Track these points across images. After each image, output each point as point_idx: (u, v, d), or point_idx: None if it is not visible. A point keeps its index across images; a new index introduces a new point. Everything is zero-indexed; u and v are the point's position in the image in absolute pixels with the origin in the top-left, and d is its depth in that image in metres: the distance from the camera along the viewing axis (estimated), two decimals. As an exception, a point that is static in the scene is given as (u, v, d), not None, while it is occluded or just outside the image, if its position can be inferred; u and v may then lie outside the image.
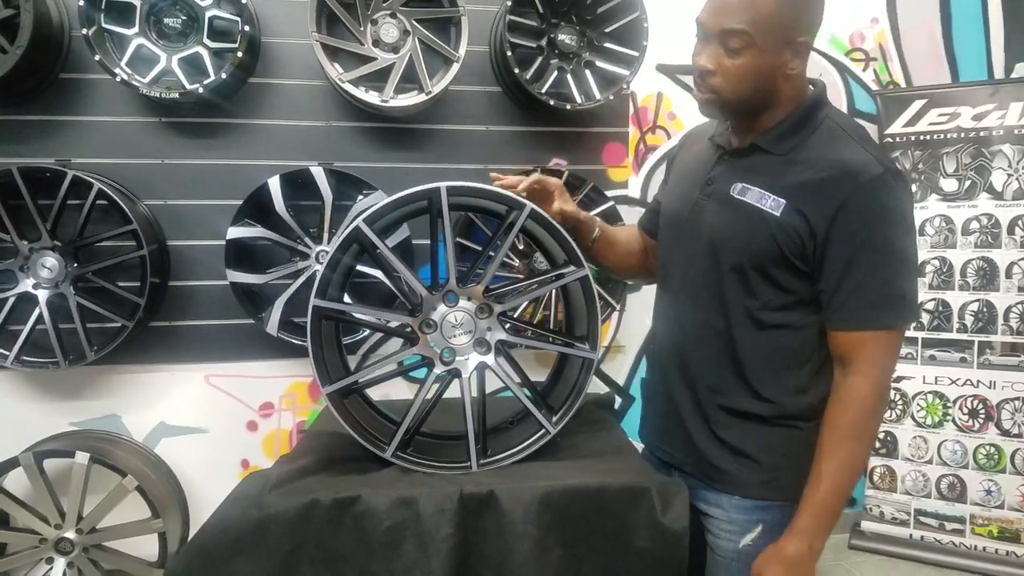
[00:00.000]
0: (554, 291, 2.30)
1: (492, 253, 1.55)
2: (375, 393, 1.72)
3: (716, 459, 1.55)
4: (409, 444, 1.50)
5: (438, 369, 1.53)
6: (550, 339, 1.67)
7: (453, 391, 1.56)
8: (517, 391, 1.54)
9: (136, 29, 2.71)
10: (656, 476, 1.46)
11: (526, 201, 1.50)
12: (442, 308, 1.52)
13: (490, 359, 1.55)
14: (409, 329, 1.53)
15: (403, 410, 1.53)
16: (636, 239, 1.92)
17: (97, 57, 2.60)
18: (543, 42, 3.00)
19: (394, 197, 1.46)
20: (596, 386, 3.28)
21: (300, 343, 2.85)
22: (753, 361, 1.50)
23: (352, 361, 2.92)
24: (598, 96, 2.98)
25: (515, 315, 1.63)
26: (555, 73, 3.01)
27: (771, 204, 1.41)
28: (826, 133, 1.45)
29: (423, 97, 2.80)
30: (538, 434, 1.53)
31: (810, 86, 1.53)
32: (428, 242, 1.58)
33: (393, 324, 1.61)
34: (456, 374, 1.54)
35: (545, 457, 1.52)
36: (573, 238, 1.59)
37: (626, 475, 1.44)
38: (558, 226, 1.54)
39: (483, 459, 1.50)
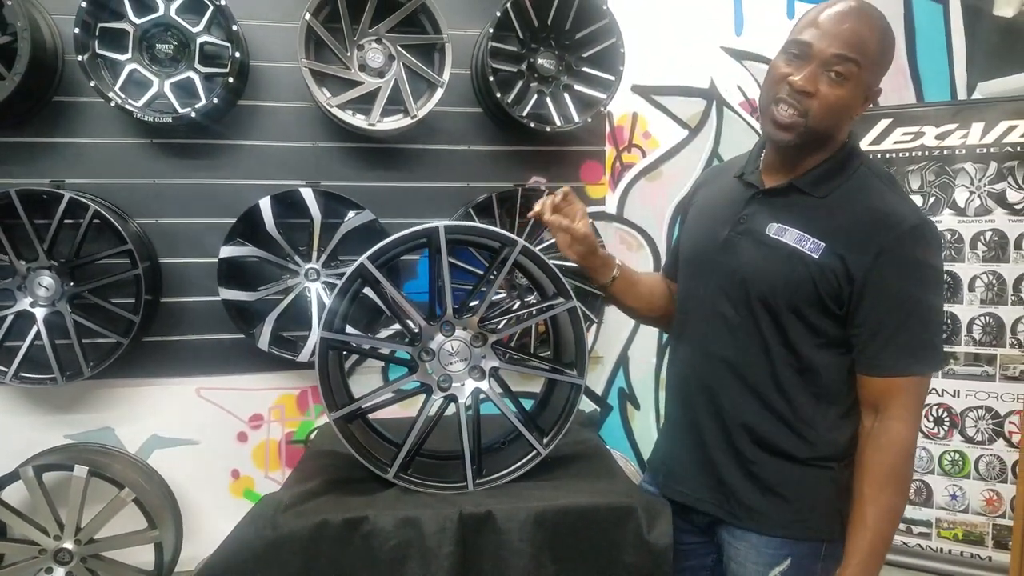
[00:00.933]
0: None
1: (485, 287, 1.66)
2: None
3: (746, 498, 1.57)
4: (409, 465, 1.61)
5: (436, 395, 1.64)
6: (541, 366, 1.77)
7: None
8: (510, 415, 1.65)
9: (129, 55, 2.80)
10: (642, 495, 1.57)
11: (518, 238, 1.60)
12: (439, 337, 1.63)
13: (484, 385, 1.66)
14: (409, 358, 1.64)
15: (401, 430, 1.64)
16: (660, 283, 1.91)
17: (92, 83, 2.68)
18: (523, 66, 3.12)
19: (395, 236, 1.57)
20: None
21: (290, 357, 2.95)
22: (788, 399, 1.52)
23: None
24: (576, 119, 3.09)
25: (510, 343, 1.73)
26: (535, 96, 3.12)
27: (811, 246, 1.44)
28: (862, 180, 1.51)
29: (408, 120, 2.90)
30: (530, 455, 1.65)
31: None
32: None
33: (394, 353, 1.71)
34: (453, 399, 1.65)
35: (537, 477, 1.63)
36: (591, 276, 1.64)
37: (613, 495, 1.55)
38: (547, 261, 1.64)
39: (479, 479, 1.61)
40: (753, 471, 1.56)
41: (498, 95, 2.93)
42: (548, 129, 3.04)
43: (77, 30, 2.66)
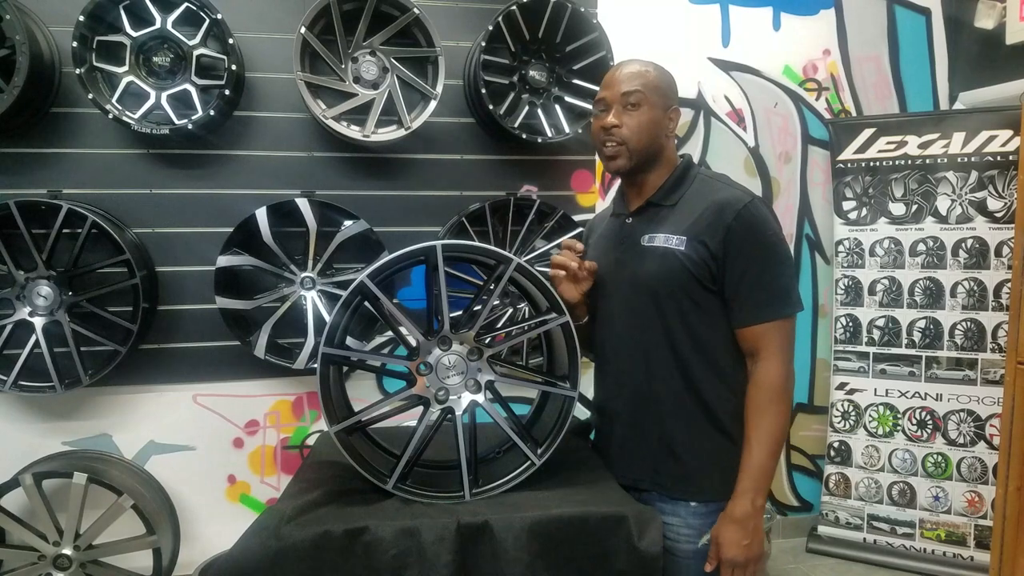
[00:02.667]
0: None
1: (484, 299, 1.71)
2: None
3: (676, 470, 1.77)
4: (408, 476, 1.65)
5: (433, 408, 1.69)
6: (535, 379, 1.83)
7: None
8: (505, 427, 1.70)
9: (126, 67, 2.84)
10: (633, 504, 1.63)
11: (513, 256, 1.67)
12: (437, 352, 1.68)
13: (481, 398, 1.72)
14: (407, 371, 1.69)
15: (399, 440, 1.69)
16: None
17: (90, 95, 2.73)
18: (515, 78, 3.18)
19: (394, 255, 1.62)
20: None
21: (286, 365, 2.99)
22: (698, 373, 1.75)
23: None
24: (567, 129, 3.15)
25: (502, 356, 1.78)
26: (527, 107, 3.18)
27: (676, 242, 1.73)
28: (701, 183, 1.82)
29: (402, 131, 2.95)
30: (524, 465, 1.70)
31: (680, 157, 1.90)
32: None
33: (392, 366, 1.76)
34: (450, 412, 1.70)
35: (531, 486, 1.68)
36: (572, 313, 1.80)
37: (605, 504, 1.61)
38: (542, 278, 1.72)
39: (476, 489, 1.66)
40: (677, 449, 1.77)
41: (490, 106, 2.99)
42: (539, 139, 3.10)
43: (75, 43, 2.70)
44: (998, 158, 3.41)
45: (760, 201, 1.76)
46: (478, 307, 1.73)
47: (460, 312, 1.74)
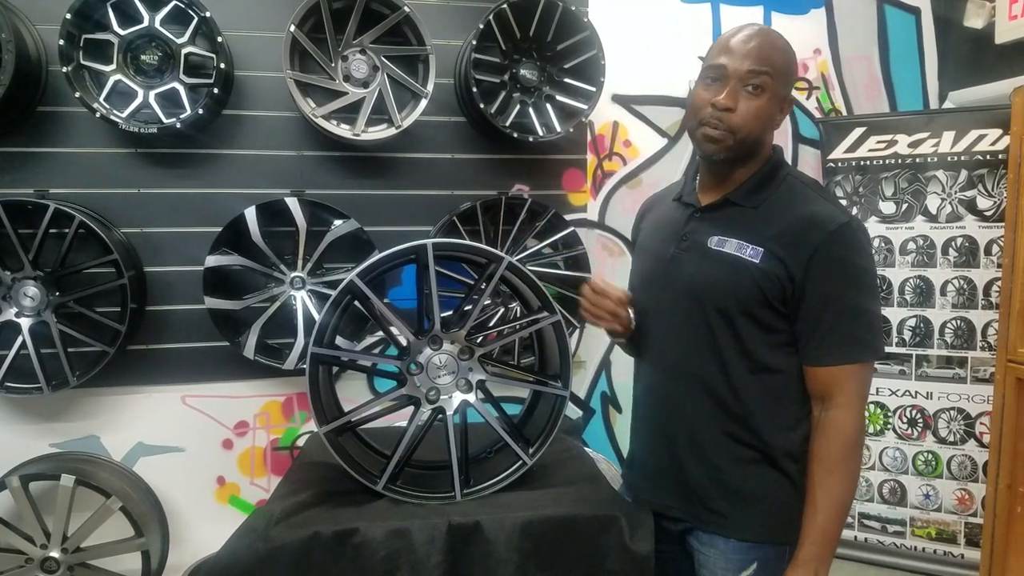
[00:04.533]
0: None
1: (475, 298, 1.70)
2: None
3: (712, 502, 1.64)
4: (398, 476, 1.64)
5: (424, 408, 1.68)
6: (526, 379, 1.82)
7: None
8: (496, 426, 1.69)
9: (114, 66, 2.81)
10: (624, 504, 1.62)
11: (504, 255, 1.65)
12: (427, 351, 1.67)
13: (472, 397, 1.70)
14: (397, 371, 1.68)
15: (389, 440, 1.68)
16: None
17: (77, 94, 2.70)
18: (506, 77, 3.16)
19: (385, 253, 1.61)
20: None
21: (275, 365, 2.97)
22: (748, 402, 1.60)
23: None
24: (558, 128, 3.14)
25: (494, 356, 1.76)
26: (518, 106, 3.16)
27: (750, 253, 1.54)
28: (790, 189, 1.61)
29: (393, 130, 2.94)
30: (516, 465, 1.69)
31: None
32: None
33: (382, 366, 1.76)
34: (441, 411, 1.69)
35: (523, 486, 1.67)
36: (609, 332, 1.71)
37: (597, 504, 1.60)
38: (534, 277, 1.69)
39: (467, 489, 1.65)
40: (716, 476, 1.63)
41: (481, 105, 2.97)
42: (531, 139, 3.08)
43: (62, 41, 2.67)
44: (988, 157, 3.42)
45: (858, 223, 1.56)
46: (469, 306, 1.72)
47: (451, 311, 1.73)
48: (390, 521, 1.49)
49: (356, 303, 1.71)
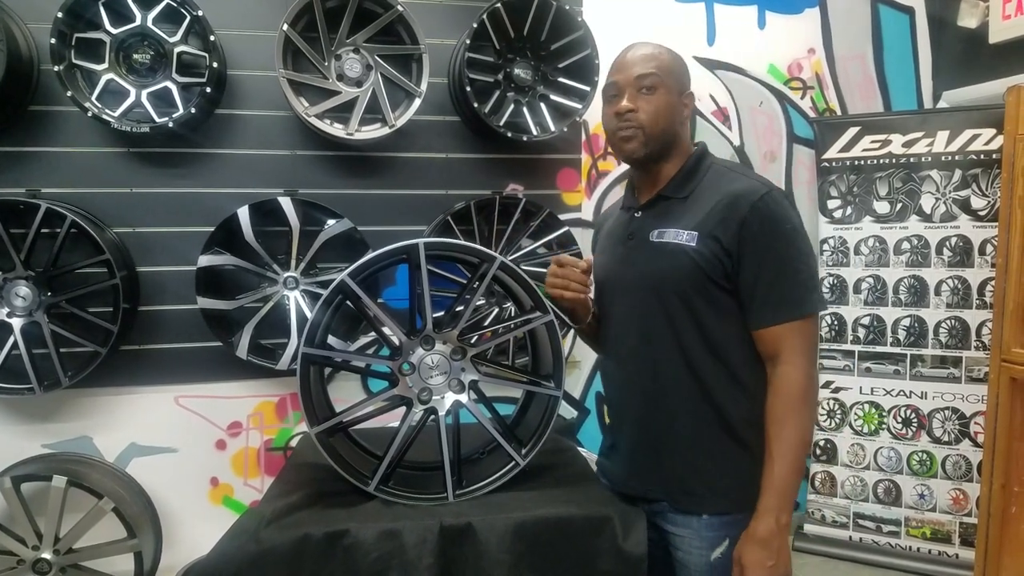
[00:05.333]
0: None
1: (468, 297, 1.69)
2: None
3: (686, 482, 1.70)
4: (390, 477, 1.63)
5: (416, 408, 1.67)
6: (519, 379, 1.81)
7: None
8: (489, 427, 1.68)
9: (106, 64, 2.80)
10: (618, 505, 1.61)
11: (496, 254, 1.65)
12: (420, 351, 1.66)
13: (464, 398, 1.69)
14: (389, 371, 1.67)
15: (381, 441, 1.67)
16: None
17: (69, 93, 2.69)
18: (500, 76, 3.15)
19: (376, 253, 1.60)
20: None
21: (268, 366, 2.96)
22: (707, 378, 1.67)
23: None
24: (552, 128, 3.13)
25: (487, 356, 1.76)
26: (512, 106, 3.15)
27: (687, 238, 1.64)
28: (715, 174, 1.73)
29: (386, 130, 2.93)
30: (508, 466, 1.68)
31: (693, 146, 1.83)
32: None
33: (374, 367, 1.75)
34: (433, 412, 1.68)
35: (515, 487, 1.66)
36: (572, 318, 1.77)
37: (590, 504, 1.59)
38: (526, 276, 1.69)
39: (459, 490, 1.64)
40: (686, 454, 1.69)
41: (475, 104, 2.97)
42: (525, 138, 3.08)
43: (53, 40, 2.66)
44: (982, 156, 3.42)
45: (778, 192, 1.66)
46: (461, 306, 1.71)
47: (443, 311, 1.72)
48: (381, 522, 1.48)
49: (348, 303, 1.70)
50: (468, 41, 2.94)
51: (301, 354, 1.59)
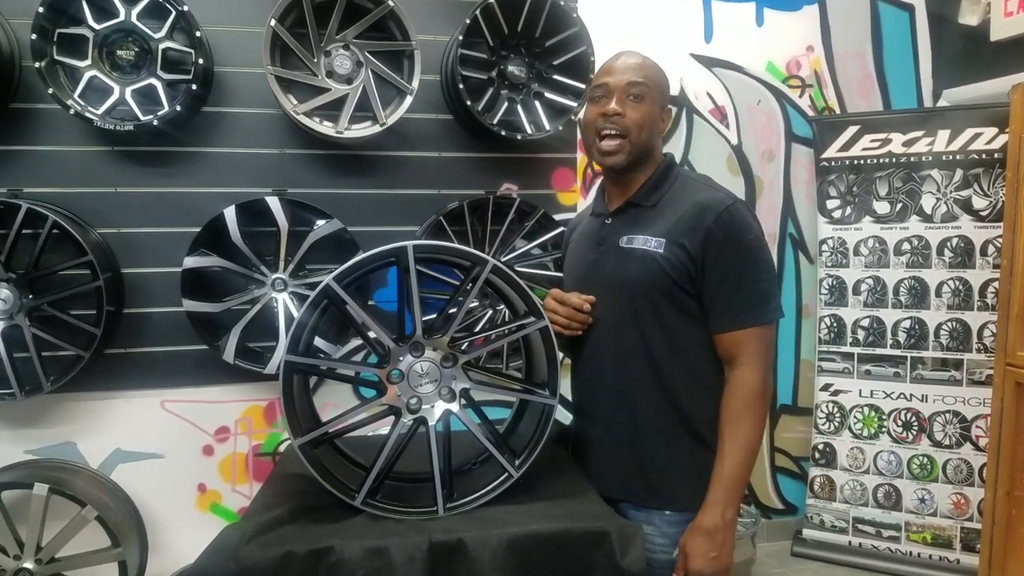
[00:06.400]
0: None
1: (456, 306, 1.62)
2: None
3: (649, 479, 1.75)
4: (378, 491, 1.56)
5: (405, 418, 1.60)
6: (513, 387, 1.74)
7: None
8: (481, 437, 1.61)
9: (89, 61, 2.74)
10: (615, 519, 1.54)
11: (488, 257, 1.58)
12: (409, 358, 1.59)
13: (455, 407, 1.62)
14: (377, 379, 1.59)
15: (369, 450, 1.60)
16: None
17: (50, 90, 2.63)
18: (494, 73, 3.09)
19: (363, 256, 1.52)
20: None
21: (256, 370, 2.90)
22: (672, 380, 1.72)
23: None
24: (547, 126, 3.08)
25: (480, 363, 1.71)
26: (506, 103, 3.10)
27: (655, 244, 1.69)
28: (682, 184, 1.79)
29: (377, 128, 2.87)
30: (502, 477, 1.61)
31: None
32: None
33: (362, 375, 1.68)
34: (423, 422, 1.61)
35: (508, 500, 1.58)
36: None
37: (587, 519, 1.52)
38: (519, 280, 1.62)
39: (450, 503, 1.56)
40: (650, 453, 1.74)
41: (468, 102, 2.91)
42: (519, 137, 3.02)
43: (34, 36, 2.59)
44: (983, 156, 3.37)
45: (742, 204, 1.73)
46: (453, 311, 1.64)
47: (434, 316, 1.66)
48: (368, 539, 1.41)
49: (335, 308, 1.63)
50: (461, 37, 2.88)
51: (284, 362, 1.52)
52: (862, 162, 3.61)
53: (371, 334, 1.59)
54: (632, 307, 1.72)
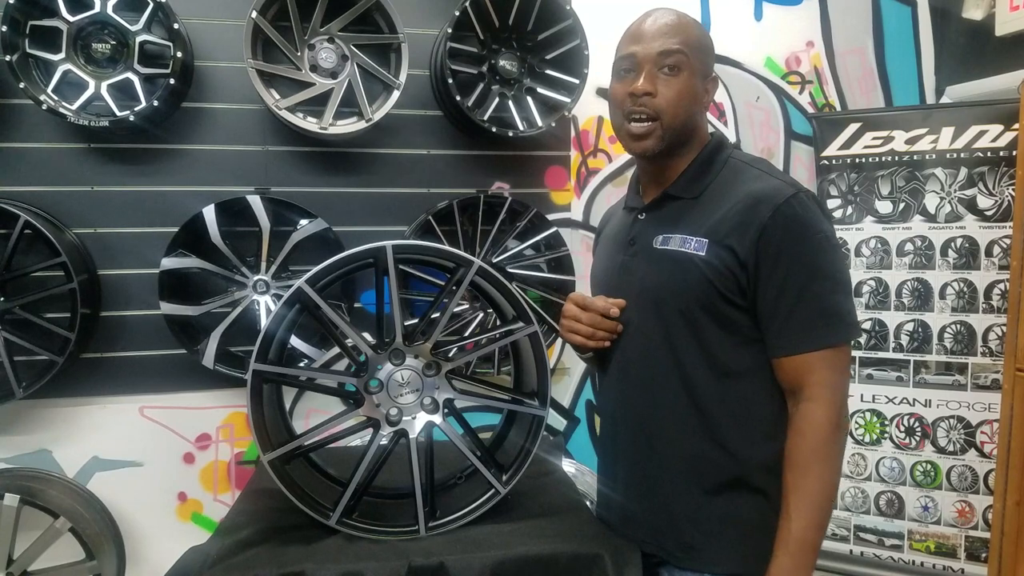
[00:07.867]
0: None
1: (445, 301, 1.52)
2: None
3: (684, 536, 1.49)
4: (355, 509, 1.46)
5: (384, 431, 1.50)
6: (500, 397, 1.63)
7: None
8: (466, 451, 1.51)
9: (63, 54, 2.64)
10: (609, 540, 1.44)
11: (474, 258, 1.47)
12: (388, 367, 1.49)
13: (438, 418, 1.52)
14: (354, 389, 1.49)
15: (346, 464, 1.50)
16: None
17: (22, 85, 2.53)
18: (484, 68, 3.00)
19: (337, 257, 1.43)
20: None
21: (237, 375, 2.80)
22: (715, 412, 1.45)
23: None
24: (540, 123, 2.99)
25: (468, 371, 1.60)
26: (497, 99, 3.01)
27: (695, 246, 1.41)
28: (732, 170, 1.49)
29: (363, 124, 2.78)
30: (488, 494, 1.50)
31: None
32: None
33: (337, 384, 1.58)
34: (403, 435, 1.50)
35: (495, 517, 1.48)
36: (582, 349, 1.56)
37: (578, 540, 1.41)
38: (507, 283, 1.52)
39: (432, 522, 1.46)
40: (686, 505, 1.48)
41: (458, 98, 2.81)
42: (511, 133, 2.93)
43: (5, 28, 2.49)
44: (989, 154, 3.28)
45: (807, 194, 1.43)
46: (436, 315, 1.54)
47: (416, 320, 1.56)
48: (342, 563, 1.31)
49: (309, 312, 1.53)
50: (450, 30, 2.79)
51: (251, 371, 1.42)
52: (863, 160, 3.52)
53: (348, 341, 1.49)
54: (664, 322, 1.45)
